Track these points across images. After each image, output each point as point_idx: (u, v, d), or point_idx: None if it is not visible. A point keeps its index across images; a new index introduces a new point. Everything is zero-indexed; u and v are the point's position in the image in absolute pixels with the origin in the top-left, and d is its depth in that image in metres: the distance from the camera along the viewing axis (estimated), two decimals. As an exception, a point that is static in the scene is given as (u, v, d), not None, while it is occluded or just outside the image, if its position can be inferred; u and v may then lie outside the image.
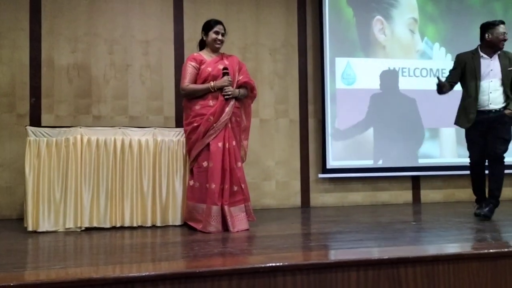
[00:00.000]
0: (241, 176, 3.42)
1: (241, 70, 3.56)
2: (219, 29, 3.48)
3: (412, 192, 5.38)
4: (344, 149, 5.11)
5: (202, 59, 3.47)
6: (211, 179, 3.28)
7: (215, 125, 3.32)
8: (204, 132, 3.33)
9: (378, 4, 5.26)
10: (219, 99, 3.35)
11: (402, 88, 5.28)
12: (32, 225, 3.42)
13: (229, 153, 3.35)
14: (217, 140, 3.32)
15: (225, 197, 3.31)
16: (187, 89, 3.42)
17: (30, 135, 3.47)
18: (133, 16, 4.74)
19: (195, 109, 3.39)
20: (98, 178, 3.56)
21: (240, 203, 3.38)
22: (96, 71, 4.62)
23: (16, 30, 4.45)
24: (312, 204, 5.10)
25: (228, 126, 3.38)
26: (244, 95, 3.53)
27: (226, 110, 3.36)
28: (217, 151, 3.30)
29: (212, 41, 3.48)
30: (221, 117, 3.34)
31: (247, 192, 3.45)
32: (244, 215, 3.40)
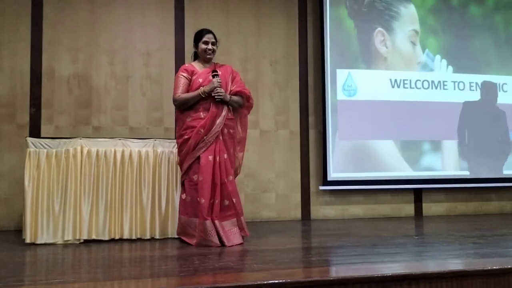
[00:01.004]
0: (233, 190, 3.32)
1: (234, 79, 3.49)
2: (208, 38, 3.41)
3: (414, 205, 5.34)
4: (345, 161, 5.08)
5: (194, 69, 3.41)
6: (201, 193, 3.20)
7: (205, 138, 3.25)
8: (194, 145, 3.26)
9: (379, 16, 5.27)
10: (210, 110, 3.27)
11: (403, 99, 5.27)
12: (30, 237, 3.38)
13: (220, 166, 3.27)
14: (207, 153, 3.24)
15: (215, 211, 3.22)
16: (179, 99, 3.33)
17: (30, 146, 3.45)
18: (135, 27, 4.74)
19: (186, 121, 3.31)
20: (98, 190, 3.53)
21: (232, 217, 3.30)
22: (97, 81, 4.61)
23: (17, 40, 4.45)
24: (313, 217, 5.06)
25: (219, 138, 3.30)
26: (238, 102, 3.43)
27: (217, 122, 3.28)
28: (207, 165, 3.22)
29: (203, 52, 3.42)
30: (212, 129, 3.26)
31: (239, 206, 3.36)
32: (237, 229, 3.32)
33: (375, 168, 5.14)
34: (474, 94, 5.50)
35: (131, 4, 4.75)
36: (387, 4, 5.30)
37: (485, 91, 5.52)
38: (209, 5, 4.96)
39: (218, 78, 3.30)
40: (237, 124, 3.49)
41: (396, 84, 5.27)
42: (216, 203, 3.23)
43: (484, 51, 5.59)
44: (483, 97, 5.51)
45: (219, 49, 4.87)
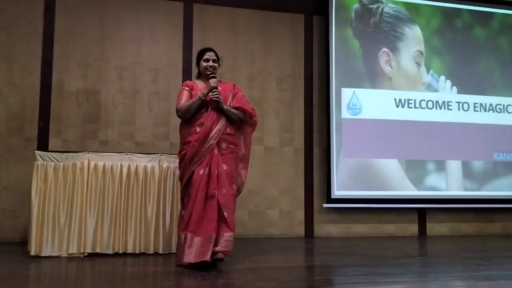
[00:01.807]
0: (225, 203, 3.10)
1: (236, 95, 3.42)
2: (209, 56, 3.40)
3: (418, 225, 5.33)
4: (349, 179, 5.10)
5: (193, 85, 3.38)
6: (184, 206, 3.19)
7: (199, 152, 3.17)
8: (190, 159, 3.19)
9: (384, 37, 5.34)
10: (204, 124, 3.20)
11: (408, 119, 5.30)
12: (35, 250, 3.40)
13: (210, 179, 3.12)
14: (200, 167, 3.14)
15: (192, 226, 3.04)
16: (181, 107, 3.27)
17: (38, 159, 3.50)
18: (144, 44, 4.83)
19: (184, 137, 3.30)
20: (103, 204, 3.56)
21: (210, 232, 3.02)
22: (105, 96, 4.68)
23: (28, 54, 4.54)
24: (316, 234, 5.06)
25: (214, 152, 3.18)
26: (237, 115, 3.32)
27: (211, 135, 3.19)
28: (197, 179, 3.12)
29: (204, 69, 3.38)
30: (205, 142, 3.17)
31: (231, 221, 3.12)
32: (210, 245, 2.99)
33: (379, 187, 5.15)
34: (478, 115, 5.53)
35: (141, 22, 4.85)
36: (392, 25, 5.37)
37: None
38: (217, 24, 5.05)
39: (215, 80, 3.27)
40: (240, 141, 3.40)
41: (400, 103, 5.31)
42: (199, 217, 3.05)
43: (489, 73, 5.63)
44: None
45: (226, 67, 4.98)
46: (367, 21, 5.30)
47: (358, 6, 5.31)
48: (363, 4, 5.32)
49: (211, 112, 3.24)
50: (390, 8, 5.39)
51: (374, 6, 5.34)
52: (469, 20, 5.64)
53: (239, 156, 3.37)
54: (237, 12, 5.13)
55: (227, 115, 3.27)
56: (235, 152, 3.31)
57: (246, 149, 3.46)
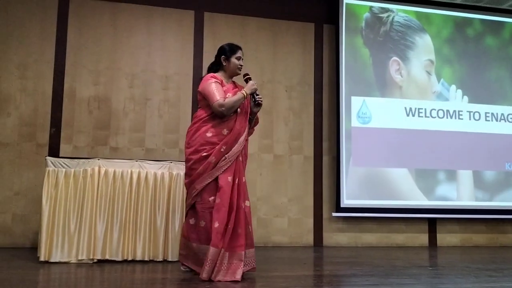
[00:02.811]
0: (249, 216, 2.99)
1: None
2: (241, 54, 3.19)
3: (428, 235, 5.28)
4: (358, 188, 5.07)
5: (222, 80, 3.12)
6: (216, 217, 2.87)
7: (227, 156, 2.95)
8: (214, 163, 2.93)
9: (394, 46, 5.33)
10: (234, 128, 3.00)
11: (418, 128, 5.27)
12: (45, 255, 3.42)
13: (239, 189, 2.97)
14: (227, 174, 2.94)
15: (225, 240, 2.87)
16: (227, 102, 2.97)
17: (49, 165, 3.53)
18: (154, 52, 4.88)
19: (205, 137, 2.98)
20: (113, 210, 3.58)
21: (240, 249, 2.89)
22: (116, 103, 4.72)
23: (41, 62, 4.61)
24: (325, 243, 5.03)
25: (239, 159, 3.02)
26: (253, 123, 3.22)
27: (240, 140, 3.01)
28: (226, 186, 2.91)
29: (235, 67, 3.15)
30: (234, 147, 2.97)
31: (252, 236, 3.01)
32: (241, 264, 2.88)
33: (389, 196, 5.11)
34: (490, 124, 5.48)
35: (152, 30, 4.90)
36: (403, 34, 5.37)
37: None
38: (227, 32, 5.09)
39: (254, 82, 3.12)
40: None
41: (411, 112, 5.28)
42: (229, 230, 2.88)
43: (500, 82, 5.59)
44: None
45: (236, 75, 5.00)
46: (378, 30, 5.31)
47: (368, 15, 5.31)
48: (373, 13, 5.32)
49: (241, 116, 3.05)
50: (401, 17, 5.39)
51: (384, 15, 5.35)
52: (480, 30, 5.62)
53: None
54: (248, 21, 5.16)
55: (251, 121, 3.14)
56: (247, 158, 3.20)
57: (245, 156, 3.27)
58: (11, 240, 4.32)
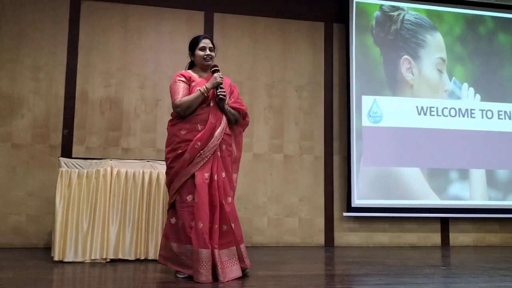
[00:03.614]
0: (232, 213, 2.90)
1: (232, 93, 3.14)
2: (205, 43, 3.08)
3: (441, 234, 5.23)
4: (369, 188, 5.04)
5: (191, 76, 3.04)
6: (198, 217, 2.78)
7: (202, 152, 2.86)
8: (189, 160, 2.86)
9: (405, 44, 5.30)
10: (208, 122, 2.90)
11: (430, 127, 5.23)
12: (58, 255, 3.46)
13: (218, 186, 2.87)
14: (203, 171, 2.85)
15: (214, 238, 2.79)
16: (182, 102, 2.91)
17: (63, 166, 3.57)
18: (165, 53, 4.90)
19: (180, 135, 2.92)
20: (125, 210, 3.61)
21: (231, 245, 2.86)
22: (127, 105, 4.76)
23: (53, 64, 4.66)
24: (336, 243, 5.01)
25: (217, 154, 2.91)
26: (235, 116, 3.07)
27: (215, 134, 2.90)
28: (203, 184, 2.82)
29: (200, 59, 3.06)
30: (210, 142, 2.88)
31: (239, 232, 2.92)
32: (236, 259, 2.87)
33: (400, 196, 5.08)
34: (503, 122, 5.42)
35: (161, 31, 4.93)
36: (414, 32, 5.33)
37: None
38: (237, 33, 5.10)
39: (220, 74, 2.98)
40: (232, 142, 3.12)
41: (422, 111, 5.24)
42: (215, 229, 2.80)
43: (513, 80, 5.53)
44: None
45: (246, 75, 5.02)
46: (388, 29, 5.28)
47: (379, 13, 5.29)
48: (384, 12, 5.30)
49: (214, 109, 2.95)
50: (412, 15, 5.35)
51: (395, 13, 5.32)
52: (492, 27, 5.56)
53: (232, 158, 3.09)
54: (257, 21, 5.16)
55: (226, 115, 3.01)
56: (232, 155, 3.05)
57: (238, 151, 3.15)
58: (25, 240, 4.38)
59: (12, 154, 4.47)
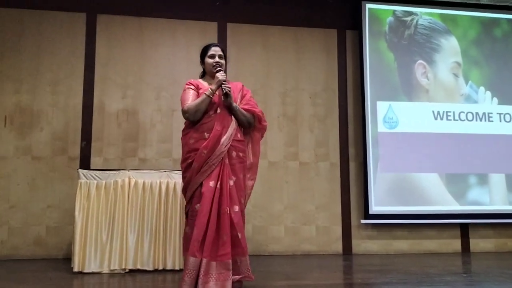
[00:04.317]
0: (238, 222, 2.80)
1: (244, 97, 3.11)
2: (214, 51, 3.07)
3: (461, 240, 5.14)
4: (387, 194, 5.00)
5: (199, 84, 3.05)
6: (195, 225, 2.76)
7: (209, 160, 2.83)
8: (197, 169, 2.84)
9: (419, 49, 5.26)
10: (214, 129, 2.87)
11: (447, 132, 5.17)
12: (78, 266, 3.50)
13: (222, 194, 2.81)
14: (210, 179, 2.82)
15: (206, 248, 2.72)
16: (189, 108, 2.91)
17: (81, 177, 3.62)
18: (179, 64, 4.96)
19: (189, 144, 2.92)
20: (143, 221, 3.64)
21: (226, 258, 2.73)
22: (143, 116, 4.81)
23: (71, 77, 4.75)
24: (354, 251, 4.96)
25: (225, 161, 2.86)
26: (246, 117, 3.01)
27: (222, 141, 2.86)
28: (207, 191, 2.79)
29: (210, 66, 3.04)
30: (216, 149, 2.84)
31: (244, 243, 2.82)
32: (229, 274, 2.72)
33: (419, 202, 5.02)
34: (522, 126, 5.33)
35: (177, 43, 4.99)
36: (428, 37, 5.30)
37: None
38: (250, 41, 5.13)
39: (222, 73, 2.95)
40: (248, 148, 3.08)
41: (439, 116, 5.19)
42: (209, 238, 2.73)
43: (531, 82, 5.44)
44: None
45: (260, 83, 5.04)
46: (402, 34, 5.25)
47: (392, 19, 5.27)
48: (397, 17, 5.28)
49: (221, 115, 2.92)
50: (425, 20, 5.32)
51: (408, 18, 5.29)
52: (508, 30, 5.49)
53: (247, 164, 3.04)
54: (270, 29, 5.19)
55: (236, 115, 2.95)
56: (244, 161, 2.99)
57: (254, 157, 3.10)
58: (45, 251, 4.44)
59: (32, 167, 4.56)
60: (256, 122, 3.07)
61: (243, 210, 2.92)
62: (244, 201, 2.97)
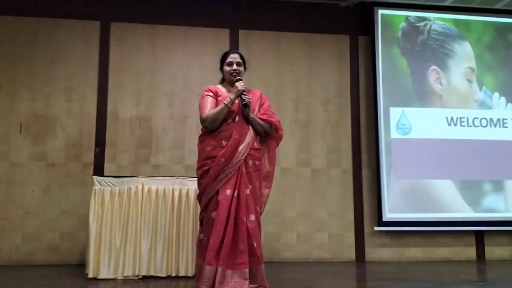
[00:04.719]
0: (254, 231, 2.81)
1: (262, 105, 3.11)
2: (232, 58, 3.09)
3: (476, 248, 5.07)
4: (401, 201, 4.95)
5: (218, 91, 3.07)
6: (212, 232, 2.77)
7: (226, 168, 2.84)
8: (214, 177, 2.86)
9: (433, 54, 5.23)
10: (232, 137, 2.88)
11: (461, 138, 5.12)
12: (92, 272, 3.52)
13: (239, 202, 2.82)
14: (227, 187, 2.83)
15: (222, 257, 2.73)
16: (207, 116, 2.94)
17: (96, 184, 3.65)
18: (192, 71, 4.98)
19: (206, 151, 2.95)
20: (156, 227, 3.65)
21: (243, 267, 2.74)
22: (156, 122, 4.84)
23: (86, 85, 4.80)
24: (368, 259, 4.92)
25: (242, 170, 2.87)
26: (263, 127, 3.02)
27: (239, 149, 2.86)
28: (224, 200, 2.80)
29: (228, 74, 3.08)
30: (234, 158, 2.85)
31: (260, 251, 2.83)
32: (246, 282, 2.73)
33: (433, 209, 4.96)
34: (537, 131, 5.25)
35: (189, 50, 5.02)
36: (441, 42, 5.26)
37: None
38: (262, 48, 5.14)
39: (242, 82, 2.97)
40: (264, 157, 3.09)
41: (452, 122, 5.14)
42: (226, 246, 2.75)
43: (547, 87, 5.37)
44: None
45: (272, 90, 5.04)
46: (415, 39, 5.22)
47: (404, 24, 5.25)
48: (410, 22, 5.25)
49: (238, 124, 2.94)
50: (438, 25, 5.28)
51: (421, 24, 5.26)
52: (523, 34, 5.44)
53: (263, 173, 3.05)
54: (282, 36, 5.20)
55: (253, 125, 2.97)
56: (260, 170, 3.00)
57: (270, 165, 3.11)
58: (59, 257, 4.47)
59: (47, 173, 4.61)
60: (273, 131, 3.08)
61: (259, 218, 2.92)
62: (260, 210, 2.99)
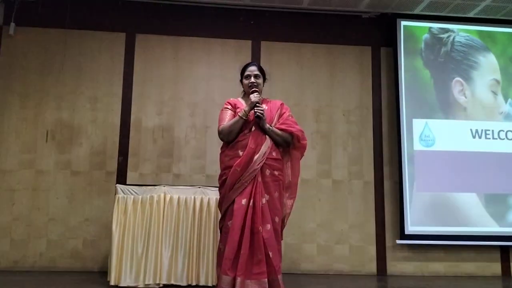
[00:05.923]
0: (270, 241, 2.79)
1: (282, 116, 3.10)
2: (250, 72, 3.10)
3: (501, 264, 4.93)
4: (423, 214, 4.87)
5: (236, 103, 3.10)
6: (227, 241, 2.78)
7: (241, 178, 2.85)
8: (231, 186, 2.88)
9: (456, 66, 5.17)
10: (247, 147, 2.89)
11: (486, 150, 5.02)
12: (115, 279, 3.56)
13: (255, 212, 2.81)
14: (242, 196, 2.84)
15: (240, 267, 2.72)
16: (224, 129, 2.99)
17: (119, 192, 3.71)
18: (213, 81, 5.04)
19: (225, 161, 3.00)
20: (178, 236, 3.68)
21: (262, 276, 2.72)
22: (178, 132, 4.90)
23: (110, 95, 4.90)
24: (389, 272, 4.83)
25: (257, 179, 2.87)
26: (282, 137, 3.00)
27: (255, 158, 2.87)
28: (239, 209, 2.81)
29: (246, 87, 3.11)
30: (249, 167, 2.85)
31: (276, 262, 2.80)
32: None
33: (456, 222, 4.86)
34: None
35: (212, 61, 5.08)
36: (465, 54, 5.20)
37: None
38: (283, 58, 5.17)
39: (256, 94, 2.99)
40: (286, 167, 3.07)
41: (477, 134, 5.05)
42: (243, 256, 2.73)
43: None
44: None
45: (293, 101, 5.05)
46: (438, 51, 5.18)
47: (427, 36, 5.21)
48: (433, 34, 5.21)
49: (255, 133, 2.94)
50: (462, 37, 5.23)
51: (444, 35, 5.22)
52: (550, 45, 5.33)
53: (284, 184, 3.02)
54: (303, 47, 5.22)
55: (270, 136, 2.96)
56: (280, 180, 2.96)
57: (293, 176, 3.07)
58: (81, 264, 4.53)
59: (71, 181, 4.70)
60: (295, 140, 3.05)
61: (278, 229, 2.88)
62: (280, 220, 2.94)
